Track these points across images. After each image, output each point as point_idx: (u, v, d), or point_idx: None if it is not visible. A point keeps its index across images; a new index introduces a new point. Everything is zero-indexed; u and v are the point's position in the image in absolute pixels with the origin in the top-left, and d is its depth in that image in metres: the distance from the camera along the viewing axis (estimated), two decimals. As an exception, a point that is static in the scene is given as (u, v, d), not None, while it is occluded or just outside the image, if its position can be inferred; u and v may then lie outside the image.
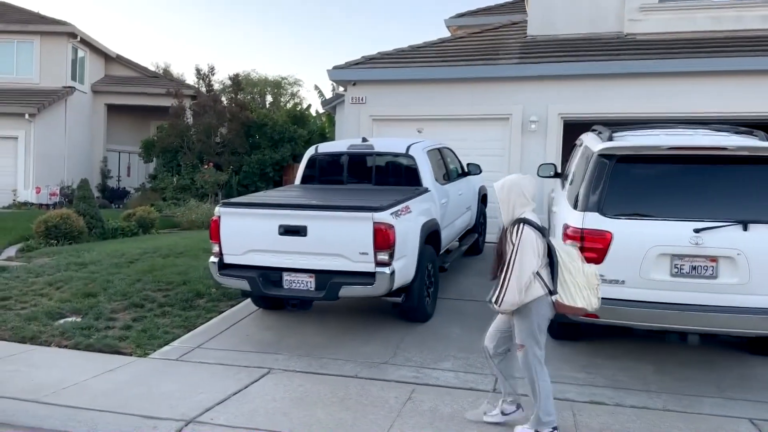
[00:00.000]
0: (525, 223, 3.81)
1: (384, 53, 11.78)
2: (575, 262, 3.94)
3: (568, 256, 3.96)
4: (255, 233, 5.64)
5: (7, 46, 19.53)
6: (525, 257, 3.76)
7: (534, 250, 3.78)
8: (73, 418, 4.14)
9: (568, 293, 3.87)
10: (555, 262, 3.87)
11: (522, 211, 3.90)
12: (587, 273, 3.94)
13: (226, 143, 18.67)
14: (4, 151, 17.90)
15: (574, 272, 3.91)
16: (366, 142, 7.12)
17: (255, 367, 5.21)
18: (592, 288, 3.92)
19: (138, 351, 5.57)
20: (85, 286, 7.52)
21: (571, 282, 3.89)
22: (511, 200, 3.90)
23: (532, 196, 3.96)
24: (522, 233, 3.79)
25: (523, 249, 3.77)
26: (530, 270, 3.77)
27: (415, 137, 7.67)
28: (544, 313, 3.88)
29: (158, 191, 18.48)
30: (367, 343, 5.82)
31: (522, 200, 3.90)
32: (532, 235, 3.80)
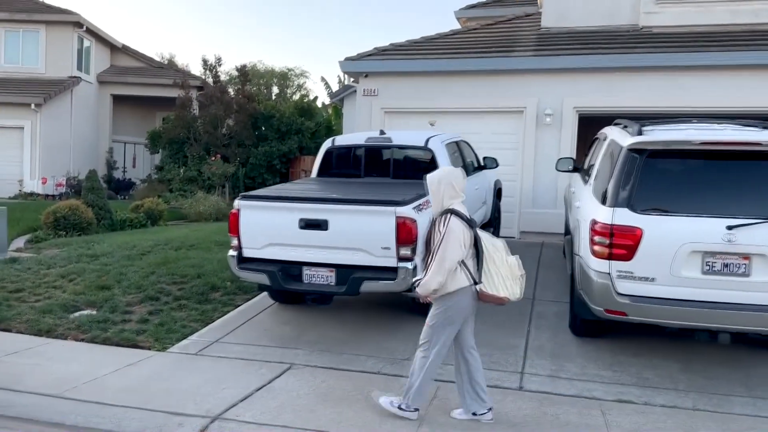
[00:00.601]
0: (452, 214, 3.95)
1: (396, 45, 11.65)
2: (499, 253, 4.06)
3: (493, 247, 4.07)
4: (275, 227, 5.56)
5: (12, 35, 19.40)
6: (449, 246, 3.88)
7: (458, 240, 3.90)
8: (97, 414, 4.08)
9: (491, 283, 4.00)
10: (480, 253, 3.98)
11: (451, 202, 4.03)
12: (511, 264, 4.08)
13: (232, 135, 18.56)
14: (10, 142, 17.81)
15: (498, 263, 4.03)
16: (384, 134, 7.02)
17: (276, 362, 5.15)
18: (515, 278, 4.07)
19: (156, 345, 5.50)
20: (99, 278, 7.45)
21: (495, 272, 4.01)
22: (441, 192, 4.04)
23: (462, 189, 4.11)
24: (448, 223, 3.91)
25: (448, 238, 3.89)
26: (454, 258, 3.88)
27: (433, 130, 7.57)
28: (465, 302, 4.01)
29: (165, 183, 18.39)
30: (388, 338, 5.75)
31: (451, 192, 4.04)
32: (458, 226, 3.92)
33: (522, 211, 10.52)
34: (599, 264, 4.82)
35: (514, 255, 4.13)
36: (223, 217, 15.56)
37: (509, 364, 5.17)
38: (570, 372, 5.02)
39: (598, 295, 4.83)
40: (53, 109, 18.28)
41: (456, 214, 3.96)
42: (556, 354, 5.40)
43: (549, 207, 10.39)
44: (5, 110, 17.70)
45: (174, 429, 3.90)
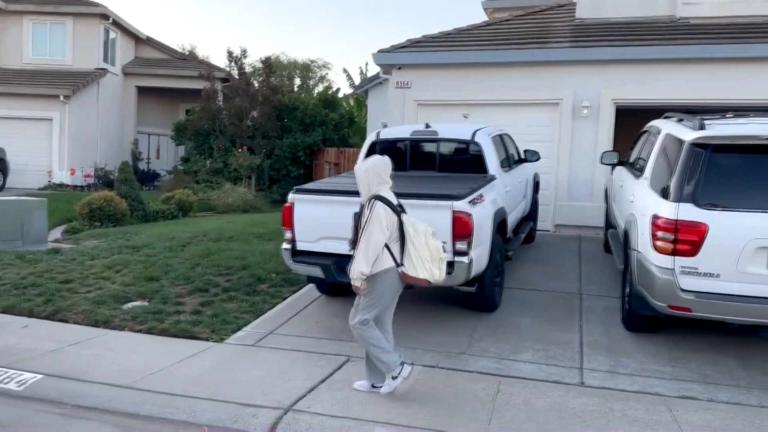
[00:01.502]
0: (377, 200, 4.17)
1: (429, 36, 11.59)
2: (420, 237, 4.23)
3: (414, 231, 4.24)
4: (329, 220, 5.58)
5: (40, 27, 19.55)
6: (373, 230, 4.10)
7: (382, 225, 4.11)
8: (170, 404, 4.14)
9: (411, 265, 4.20)
10: (404, 236, 4.21)
11: (378, 189, 4.24)
12: (431, 247, 4.26)
13: (257, 127, 18.62)
14: (40, 133, 17.99)
15: (418, 246, 4.21)
16: (429, 128, 7.00)
17: (333, 355, 5.19)
18: (435, 261, 4.26)
19: (214, 336, 5.56)
20: (145, 269, 7.54)
21: (415, 255, 4.20)
22: (369, 180, 4.24)
23: (389, 176, 4.33)
24: (373, 208, 4.14)
25: (372, 223, 4.12)
26: (378, 241, 4.11)
27: (479, 123, 7.53)
28: (391, 282, 4.24)
29: (191, 174, 18.50)
30: (439, 332, 5.77)
31: (378, 180, 4.25)
32: (382, 211, 4.13)
33: (557, 204, 10.47)
34: (662, 259, 4.79)
35: (437, 239, 4.32)
36: (250, 209, 15.66)
37: (566, 360, 5.16)
38: (629, 368, 5.01)
39: (661, 291, 4.80)
40: (81, 100, 18.43)
41: (381, 199, 4.18)
42: (611, 349, 5.38)
43: (585, 200, 10.33)
44: (34, 102, 17.88)
45: (248, 420, 3.94)
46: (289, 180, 19.13)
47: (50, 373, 4.58)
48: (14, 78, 18.65)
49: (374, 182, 4.24)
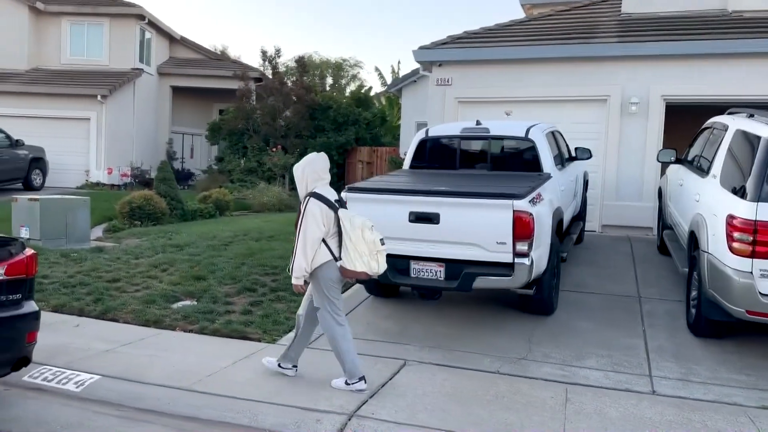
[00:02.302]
0: (312, 197, 4.28)
1: (470, 32, 11.38)
2: (356, 231, 4.29)
3: (350, 225, 4.30)
4: (382, 220, 5.39)
5: (77, 28, 19.81)
6: (308, 227, 4.23)
7: (317, 221, 4.23)
8: (230, 408, 4.04)
9: (348, 259, 4.27)
10: (341, 231, 4.29)
11: (314, 185, 4.35)
12: (368, 241, 4.30)
13: (290, 126, 18.61)
14: (77, 132, 18.22)
15: (355, 240, 4.27)
16: (480, 125, 6.81)
17: (389, 358, 5.04)
18: (373, 254, 4.31)
19: (266, 337, 5.47)
20: (191, 269, 7.50)
21: (352, 249, 4.26)
22: (305, 177, 4.36)
23: (325, 172, 4.45)
24: (307, 205, 4.26)
25: (307, 219, 4.24)
26: (314, 237, 4.22)
27: (531, 120, 7.30)
28: (331, 276, 4.32)
29: (225, 173, 18.57)
30: (496, 335, 5.58)
31: (314, 176, 4.36)
32: (316, 208, 4.25)
33: (604, 204, 10.17)
34: (739, 262, 4.54)
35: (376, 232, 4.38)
36: (285, 208, 15.62)
37: (634, 367, 4.93)
38: (701, 375, 4.76)
39: (739, 296, 4.54)
40: (117, 100, 18.63)
41: (316, 196, 4.29)
42: (679, 356, 5.13)
43: (633, 200, 10.01)
44: (72, 102, 18.11)
45: (312, 425, 3.82)
46: (321, 179, 19.08)
47: (106, 374, 4.52)
48: (52, 78, 18.93)
49: (310, 179, 4.35)
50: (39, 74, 19.24)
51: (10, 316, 3.62)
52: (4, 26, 19.09)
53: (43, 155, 16.89)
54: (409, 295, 6.72)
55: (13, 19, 19.17)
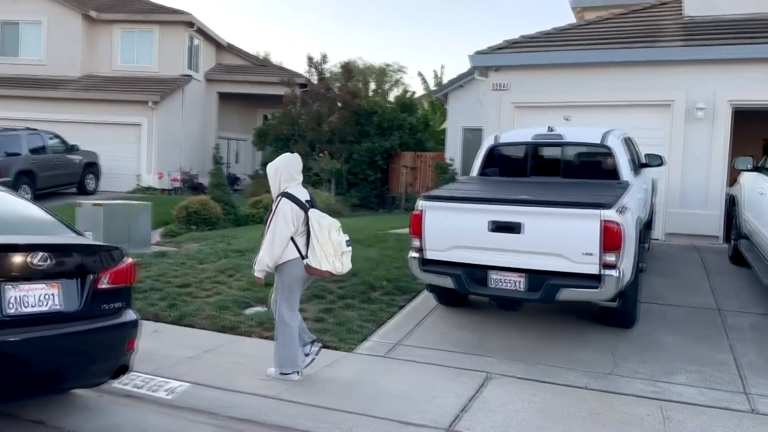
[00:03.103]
0: (283, 196, 4.48)
1: (527, 37, 11.23)
2: (324, 232, 4.44)
3: (318, 226, 4.46)
4: (461, 229, 5.36)
5: (128, 35, 20.29)
6: (278, 225, 4.41)
7: (287, 220, 4.40)
8: (324, 419, 4.01)
9: (315, 258, 4.44)
10: (309, 231, 4.43)
11: (287, 185, 4.54)
12: (335, 242, 4.47)
13: (334, 131, 18.69)
14: (129, 138, 18.64)
15: (322, 240, 4.43)
16: (552, 131, 6.68)
17: (471, 370, 4.95)
18: (338, 255, 4.49)
19: (343, 345, 5.44)
20: (256, 274, 7.53)
21: (319, 249, 4.42)
22: (279, 177, 4.56)
23: (298, 173, 4.64)
24: (278, 204, 4.46)
25: (277, 218, 4.43)
26: (283, 235, 4.40)
27: (606, 126, 7.12)
28: (297, 273, 4.49)
29: (271, 178, 18.73)
30: (577, 348, 5.44)
31: (287, 176, 4.56)
32: (287, 207, 4.43)
33: (668, 212, 9.89)
34: None
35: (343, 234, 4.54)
36: (332, 213, 15.64)
37: (727, 383, 4.73)
38: (804, 395, 4.54)
39: None
40: (167, 106, 19.00)
41: (287, 196, 4.47)
42: (775, 373, 4.91)
43: (699, 207, 9.71)
44: (124, 108, 18.54)
45: (410, 440, 3.76)
46: (366, 184, 19.11)
47: (195, 381, 4.55)
48: (104, 85, 19.42)
49: (283, 179, 4.55)
50: (91, 81, 19.76)
51: (113, 324, 3.65)
52: (59, 34, 19.69)
53: (96, 160, 17.32)
54: (479, 304, 6.63)
55: (68, 27, 19.75)
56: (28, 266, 3.21)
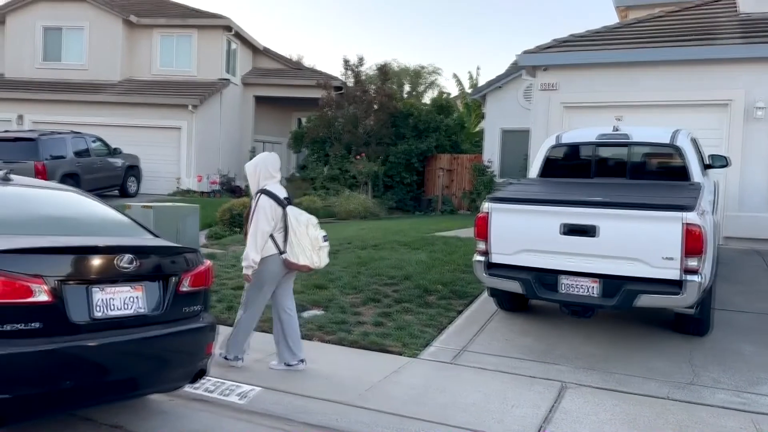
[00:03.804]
0: (263, 193, 4.60)
1: (576, 35, 10.99)
2: (301, 227, 4.61)
3: (296, 222, 4.62)
4: (531, 232, 5.19)
5: (167, 39, 20.54)
6: (260, 221, 4.51)
7: (267, 216, 4.52)
8: (400, 427, 3.89)
9: (293, 253, 4.58)
10: (287, 227, 4.57)
11: (266, 183, 4.66)
12: (312, 237, 4.64)
13: (370, 133, 18.63)
14: (169, 141, 18.85)
15: (300, 236, 4.59)
16: (617, 131, 6.46)
17: (543, 379, 4.78)
18: (315, 249, 4.64)
19: (406, 351, 5.31)
20: (309, 277, 7.45)
21: (297, 244, 4.57)
22: (258, 174, 4.68)
23: (276, 171, 4.79)
24: (258, 201, 4.57)
25: (257, 214, 4.54)
26: (264, 231, 4.51)
27: (674, 125, 6.88)
28: (274, 268, 4.61)
29: (308, 181, 18.76)
30: (651, 357, 5.22)
31: (266, 174, 4.69)
32: (267, 203, 4.54)
33: (726, 215, 9.53)
34: None
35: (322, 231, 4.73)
36: (370, 215, 15.58)
37: (821, 396, 4.48)
38: None
39: None
40: (206, 110, 19.17)
41: (267, 193, 4.60)
42: None
43: (759, 210, 9.35)
44: (164, 111, 18.76)
45: (496, 452, 3.61)
46: (402, 187, 18.99)
47: (265, 386, 4.47)
48: (144, 88, 19.68)
49: (263, 176, 4.67)
50: (131, 85, 20.05)
51: (194, 328, 3.59)
52: (100, 39, 20.03)
53: (137, 163, 17.53)
54: (539, 309, 6.44)
55: (109, 32, 20.07)
56: (114, 268, 3.16)
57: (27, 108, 19.37)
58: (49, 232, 3.33)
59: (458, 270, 7.73)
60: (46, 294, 2.85)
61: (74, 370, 2.96)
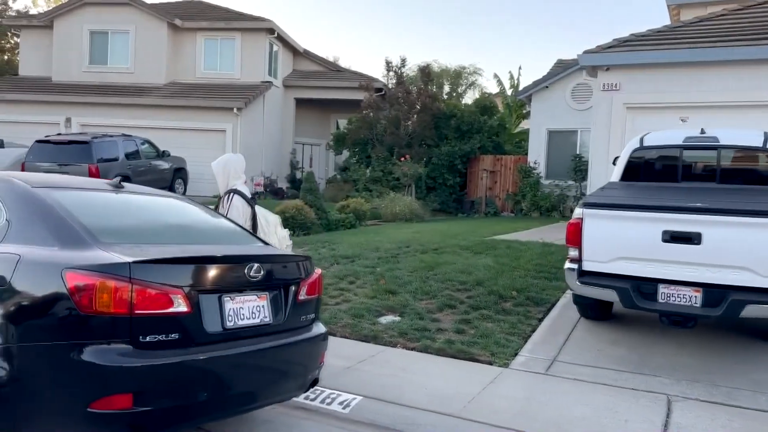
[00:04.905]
0: (235, 193, 4.80)
1: (638, 35, 10.74)
2: (270, 227, 4.80)
3: (265, 221, 4.81)
4: (629, 239, 5.01)
5: (211, 43, 20.77)
6: (233, 218, 4.49)
7: (239, 215, 4.66)
8: (517, 442, 3.76)
9: None
10: (256, 226, 4.73)
11: (234, 183, 4.86)
12: (280, 236, 4.86)
13: (413, 135, 18.54)
14: (214, 143, 19.00)
15: (268, 234, 4.73)
16: (704, 133, 6.24)
17: (646, 391, 4.60)
18: (283, 247, 4.77)
19: (496, 360, 5.17)
20: (377, 281, 7.39)
21: None
22: (227, 173, 4.87)
23: (243, 172, 5.01)
24: (231, 201, 4.75)
25: (232, 212, 4.66)
26: None
27: (750, 127, 6.66)
28: None
29: (350, 183, 18.76)
30: (754, 369, 5.00)
31: (234, 174, 4.89)
32: (239, 203, 4.73)
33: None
34: None
35: None
36: (414, 218, 15.47)
37: None
38: None
39: None
40: (250, 112, 19.30)
41: (238, 193, 4.80)
42: None
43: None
44: (209, 114, 18.94)
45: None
46: (444, 188, 18.87)
47: (364, 394, 4.38)
48: (189, 91, 19.90)
49: (232, 176, 4.86)
50: (176, 88, 20.30)
51: (311, 337, 3.52)
52: (145, 43, 20.34)
53: (184, 165, 17.71)
54: (623, 318, 6.25)
55: (154, 35, 20.37)
56: (244, 277, 3.10)
57: (74, 111, 19.75)
58: (172, 240, 3.29)
59: (529, 275, 7.57)
60: (184, 304, 2.80)
61: (209, 382, 2.90)
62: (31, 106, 19.65)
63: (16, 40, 27.75)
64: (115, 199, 3.54)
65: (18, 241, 2.90)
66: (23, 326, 2.70)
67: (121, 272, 2.64)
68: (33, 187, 3.20)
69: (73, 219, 2.96)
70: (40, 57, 21.17)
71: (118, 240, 2.96)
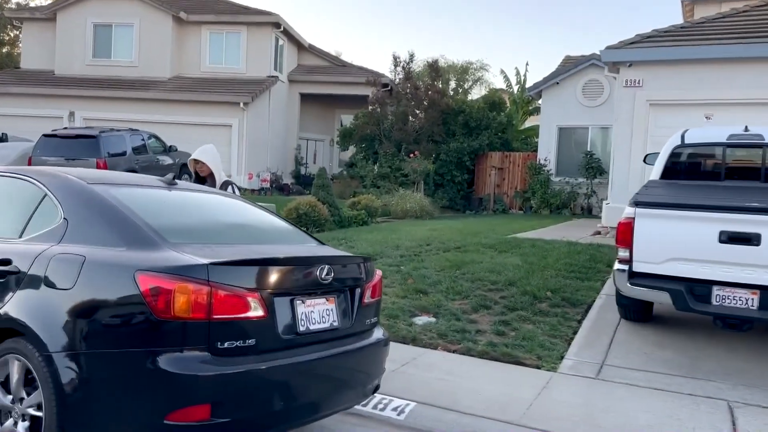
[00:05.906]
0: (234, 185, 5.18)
1: (660, 31, 10.58)
2: None
3: None
4: (684, 239, 4.86)
5: (216, 37, 20.49)
6: None
7: None
8: (586, 451, 3.60)
9: None
10: None
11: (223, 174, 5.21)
12: None
13: (420, 131, 18.36)
14: (220, 139, 18.70)
15: None
16: (748, 131, 6.09)
17: (704, 397, 4.45)
18: None
19: (544, 364, 5.01)
20: (404, 281, 7.22)
21: None
22: (218, 165, 5.18)
23: None
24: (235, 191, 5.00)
25: None
26: None
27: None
28: None
29: (357, 179, 18.57)
30: (810, 373, 4.87)
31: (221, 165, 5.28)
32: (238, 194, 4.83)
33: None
34: None
35: None
36: (424, 214, 15.31)
37: None
38: None
39: None
40: (256, 107, 19.06)
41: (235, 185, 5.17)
42: None
43: None
44: (214, 109, 18.70)
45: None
46: (452, 185, 18.72)
47: (415, 399, 4.21)
48: (194, 86, 19.64)
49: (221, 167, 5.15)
50: (181, 82, 20.03)
51: (375, 341, 3.35)
52: (150, 36, 20.05)
53: (190, 160, 17.46)
54: (665, 320, 6.10)
55: (159, 29, 20.08)
56: (315, 280, 2.92)
57: (78, 105, 19.46)
58: (236, 240, 3.11)
59: (560, 275, 7.41)
60: (261, 308, 2.62)
61: (284, 391, 2.73)
62: (34, 100, 19.33)
63: (16, 32, 27.36)
64: (171, 196, 3.35)
65: (78, 241, 2.71)
66: (90, 332, 2.51)
67: (199, 275, 2.45)
68: (89, 183, 3.01)
69: (137, 218, 2.77)
70: (43, 50, 20.83)
71: (186, 240, 2.77)
